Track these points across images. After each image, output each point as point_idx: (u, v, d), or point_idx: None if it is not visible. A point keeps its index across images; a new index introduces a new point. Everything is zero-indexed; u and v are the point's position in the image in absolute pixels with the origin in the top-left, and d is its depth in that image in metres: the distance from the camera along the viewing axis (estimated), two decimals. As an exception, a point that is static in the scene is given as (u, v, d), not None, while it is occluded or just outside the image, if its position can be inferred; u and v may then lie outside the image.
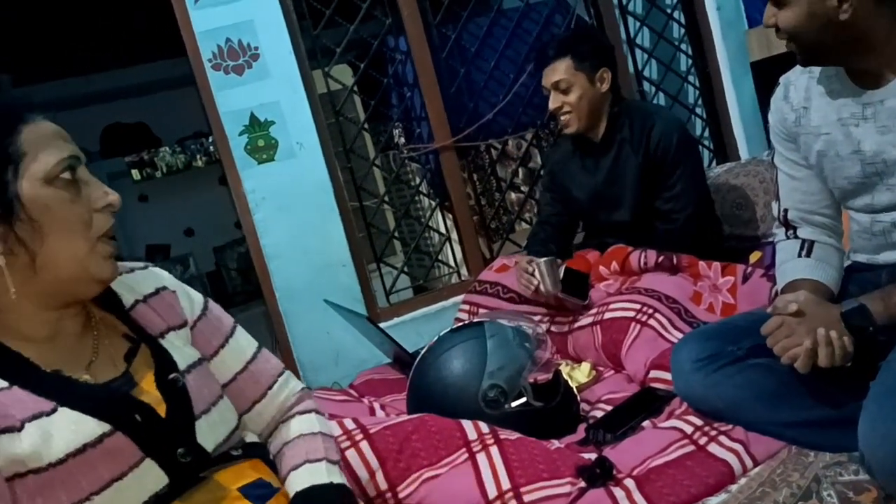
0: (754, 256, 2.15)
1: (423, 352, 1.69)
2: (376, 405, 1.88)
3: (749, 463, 1.31)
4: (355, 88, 2.77)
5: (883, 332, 1.24)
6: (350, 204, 2.67)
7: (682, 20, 3.10)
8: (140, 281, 1.06)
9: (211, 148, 4.58)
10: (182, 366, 0.99)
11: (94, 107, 4.39)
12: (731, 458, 1.31)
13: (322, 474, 1.03)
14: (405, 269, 2.91)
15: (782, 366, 1.25)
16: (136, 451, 0.89)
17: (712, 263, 2.02)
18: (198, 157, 4.70)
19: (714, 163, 3.10)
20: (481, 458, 1.30)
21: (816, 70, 1.41)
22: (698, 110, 3.16)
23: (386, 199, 3.03)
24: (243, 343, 1.13)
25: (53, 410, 0.86)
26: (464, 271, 2.95)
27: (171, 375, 0.97)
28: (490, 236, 3.08)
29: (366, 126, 2.89)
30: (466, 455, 1.31)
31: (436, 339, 1.68)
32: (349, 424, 1.36)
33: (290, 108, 2.52)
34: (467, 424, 1.36)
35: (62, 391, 0.88)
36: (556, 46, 2.20)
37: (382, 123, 3.10)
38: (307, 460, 1.05)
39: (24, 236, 0.87)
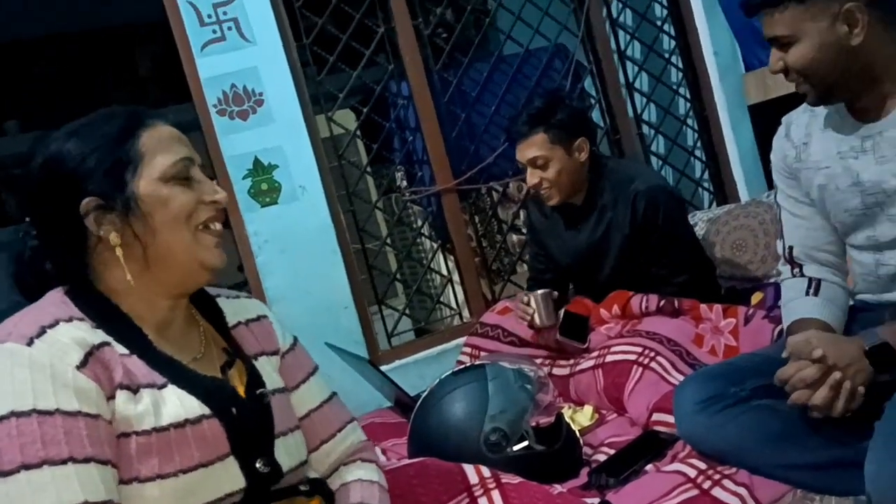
0: (756, 298, 2.15)
1: (424, 395, 1.68)
2: (377, 449, 1.86)
3: (754, 507, 1.29)
4: (358, 133, 2.80)
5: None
6: (352, 246, 2.68)
7: (680, 65, 3.15)
8: (245, 306, 1.16)
9: (215, 191, 4.61)
10: (269, 387, 1.06)
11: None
12: (736, 503, 1.29)
13: None
14: (407, 311, 2.91)
15: (787, 407, 1.24)
16: (225, 443, 0.95)
17: (714, 306, 2.01)
18: (201, 200, 4.73)
19: (714, 204, 3.12)
20: (483, 503, 1.29)
21: (818, 108, 1.43)
22: (697, 153, 3.19)
23: (388, 241, 3.04)
24: (322, 384, 1.22)
25: (164, 385, 0.94)
26: (466, 313, 2.95)
27: (260, 390, 1.04)
28: (492, 278, 3.08)
29: (368, 169, 2.92)
30: (468, 500, 1.29)
31: (437, 381, 1.67)
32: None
33: (294, 152, 2.54)
34: (469, 468, 1.34)
35: (173, 371, 0.96)
36: (528, 120, 2.08)
37: (385, 167, 3.14)
38: (361, 503, 1.09)
39: (138, 230, 0.97)
